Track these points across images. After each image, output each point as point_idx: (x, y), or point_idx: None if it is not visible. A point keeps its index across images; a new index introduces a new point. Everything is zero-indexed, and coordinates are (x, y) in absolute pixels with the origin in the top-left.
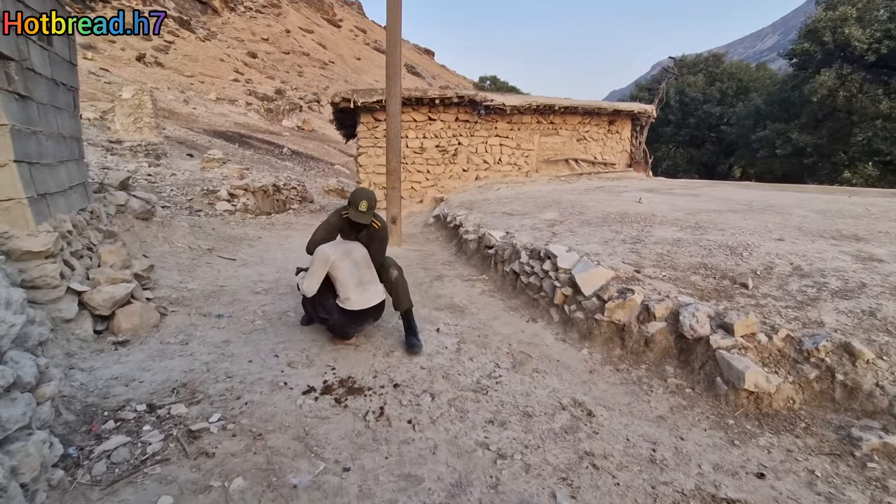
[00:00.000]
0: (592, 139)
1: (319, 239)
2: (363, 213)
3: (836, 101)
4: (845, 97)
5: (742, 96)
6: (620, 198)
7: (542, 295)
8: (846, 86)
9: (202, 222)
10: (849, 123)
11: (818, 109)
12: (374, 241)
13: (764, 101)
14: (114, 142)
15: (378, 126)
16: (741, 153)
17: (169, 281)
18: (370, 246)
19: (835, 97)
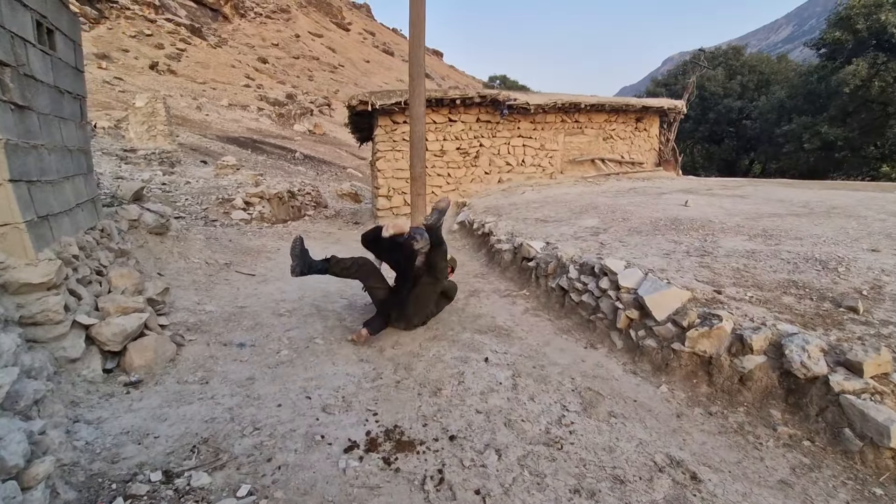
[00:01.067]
0: (619, 137)
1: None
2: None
3: (871, 92)
4: (880, 87)
5: (763, 89)
6: (662, 200)
7: (600, 317)
8: (881, 75)
9: (218, 233)
10: (883, 115)
11: (849, 101)
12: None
13: (788, 93)
14: (128, 150)
15: (396, 129)
16: (764, 148)
17: (185, 302)
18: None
19: (868, 87)
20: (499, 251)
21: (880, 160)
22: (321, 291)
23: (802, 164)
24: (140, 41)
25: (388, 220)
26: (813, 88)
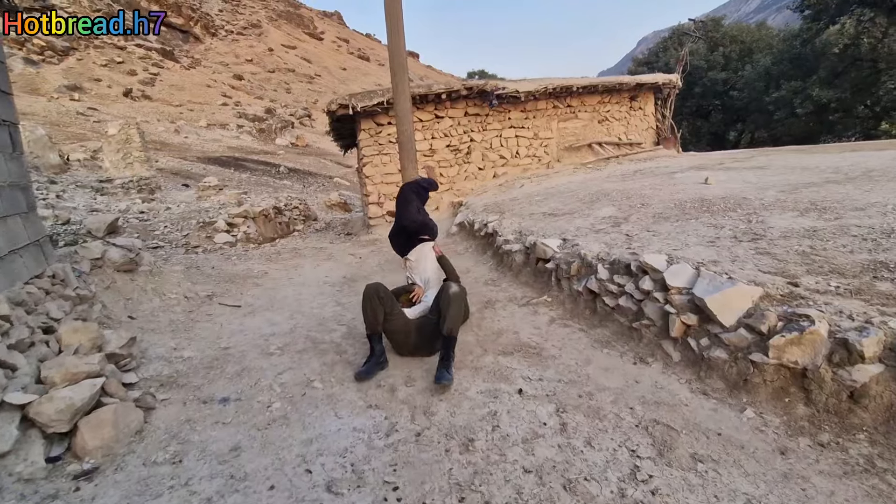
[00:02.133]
0: (615, 119)
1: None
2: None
3: (860, 50)
4: (870, 44)
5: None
6: (676, 180)
7: (646, 324)
8: (869, 31)
9: (200, 261)
10: (874, 72)
11: (838, 61)
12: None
13: (773, 60)
14: (104, 181)
15: (381, 131)
16: (754, 118)
17: (160, 349)
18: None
19: (858, 46)
20: (508, 253)
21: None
22: (315, 318)
23: (796, 130)
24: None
25: (383, 228)
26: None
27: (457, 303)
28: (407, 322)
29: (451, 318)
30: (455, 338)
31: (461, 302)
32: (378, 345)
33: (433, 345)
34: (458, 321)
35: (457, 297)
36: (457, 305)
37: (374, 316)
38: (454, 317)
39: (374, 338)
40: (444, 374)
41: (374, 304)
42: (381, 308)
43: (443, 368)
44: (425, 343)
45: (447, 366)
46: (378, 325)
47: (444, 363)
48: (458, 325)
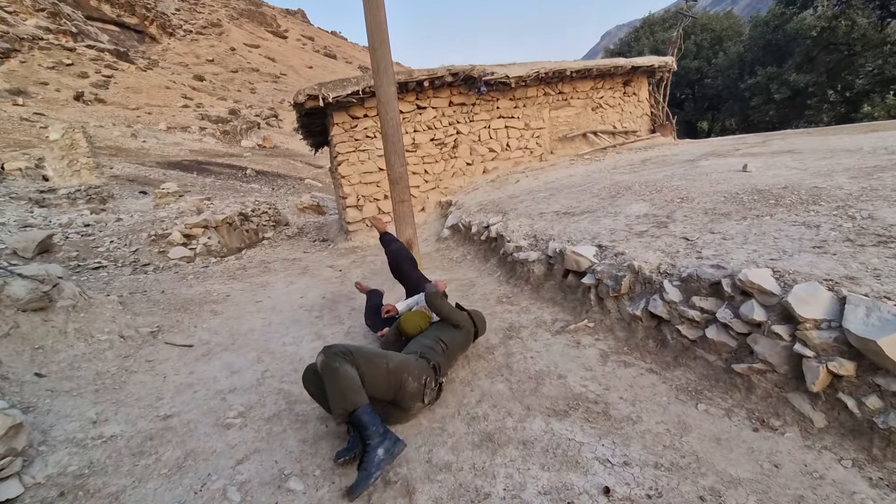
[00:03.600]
0: (608, 106)
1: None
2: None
3: (837, 34)
4: (847, 27)
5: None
6: (702, 169)
7: (759, 368)
8: (847, 13)
9: (148, 283)
10: (848, 55)
11: (813, 45)
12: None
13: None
14: (45, 191)
15: (357, 125)
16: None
17: (72, 424)
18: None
19: (834, 29)
20: (522, 263)
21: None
22: (290, 361)
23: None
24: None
25: (363, 234)
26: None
27: (326, 375)
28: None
29: (331, 399)
30: (358, 413)
31: (331, 370)
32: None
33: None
34: (341, 393)
35: (323, 369)
36: (327, 378)
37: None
38: (332, 395)
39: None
40: (360, 480)
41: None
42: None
43: (360, 471)
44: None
45: (365, 460)
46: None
47: (362, 459)
48: (343, 400)
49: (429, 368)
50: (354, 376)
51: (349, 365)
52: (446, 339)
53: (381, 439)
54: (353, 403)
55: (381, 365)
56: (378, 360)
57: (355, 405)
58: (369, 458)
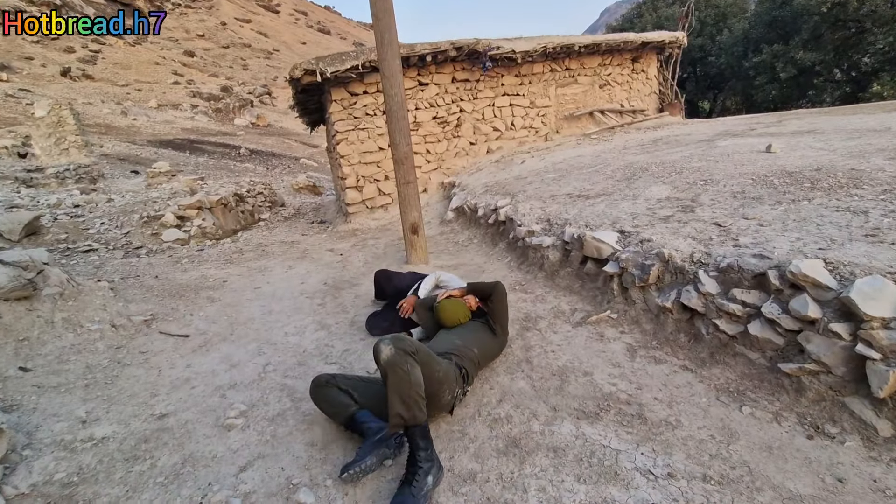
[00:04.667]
0: (616, 83)
1: None
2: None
3: (847, 10)
4: (858, 2)
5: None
6: (722, 149)
7: (810, 369)
8: None
9: (141, 267)
10: (856, 32)
11: (822, 21)
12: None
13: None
14: (33, 171)
15: (356, 102)
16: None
17: (60, 425)
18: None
19: (844, 5)
20: (536, 248)
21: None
22: (293, 353)
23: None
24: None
25: (363, 217)
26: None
27: (393, 375)
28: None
29: (391, 404)
30: (419, 428)
31: (401, 370)
32: (370, 423)
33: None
34: (407, 400)
35: (390, 366)
36: (393, 378)
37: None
38: (395, 400)
39: (352, 425)
40: (406, 499)
41: (330, 400)
42: (344, 395)
43: (405, 489)
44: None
45: (415, 481)
46: (350, 406)
47: (410, 475)
48: (406, 408)
49: (460, 379)
50: (422, 383)
51: (418, 368)
52: (480, 347)
53: (431, 464)
54: (416, 418)
55: (436, 373)
56: (434, 367)
57: (417, 420)
58: (419, 484)
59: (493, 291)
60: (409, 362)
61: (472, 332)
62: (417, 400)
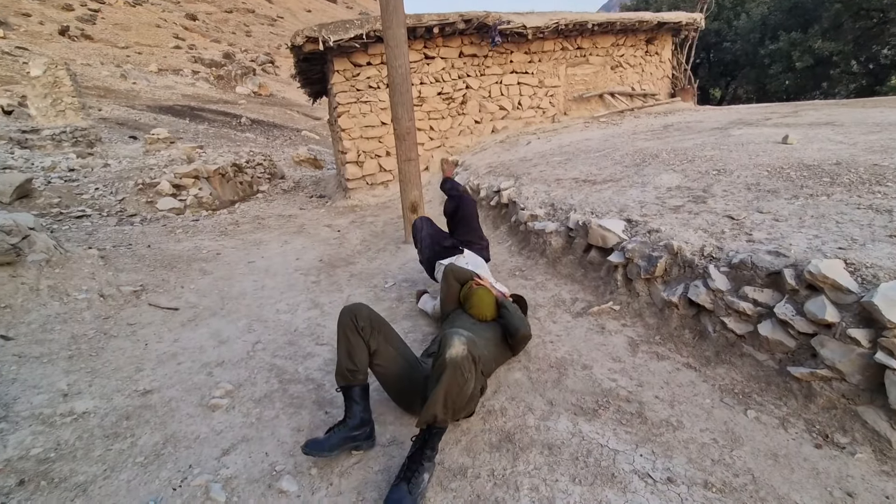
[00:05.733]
0: (629, 65)
1: None
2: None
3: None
4: None
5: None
6: (736, 139)
7: (823, 375)
8: None
9: (134, 235)
10: (878, 23)
11: (843, 9)
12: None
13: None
14: (28, 131)
15: (360, 73)
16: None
17: (40, 397)
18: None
19: None
20: (538, 234)
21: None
22: (284, 331)
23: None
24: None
25: (363, 193)
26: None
27: (453, 375)
28: (405, 361)
29: (434, 399)
30: (440, 431)
31: (461, 375)
32: (357, 404)
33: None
34: (449, 405)
35: (455, 365)
36: (451, 379)
37: (348, 357)
38: (440, 398)
39: (350, 392)
40: (403, 497)
41: (350, 340)
42: (361, 344)
43: (402, 486)
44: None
45: (414, 478)
46: (358, 373)
47: (410, 472)
48: (444, 411)
49: (479, 397)
50: (469, 395)
51: (474, 380)
52: (497, 362)
53: (432, 463)
54: (446, 422)
55: (475, 389)
56: (477, 384)
57: (445, 425)
58: (416, 482)
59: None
60: (471, 371)
61: (496, 345)
62: (458, 409)
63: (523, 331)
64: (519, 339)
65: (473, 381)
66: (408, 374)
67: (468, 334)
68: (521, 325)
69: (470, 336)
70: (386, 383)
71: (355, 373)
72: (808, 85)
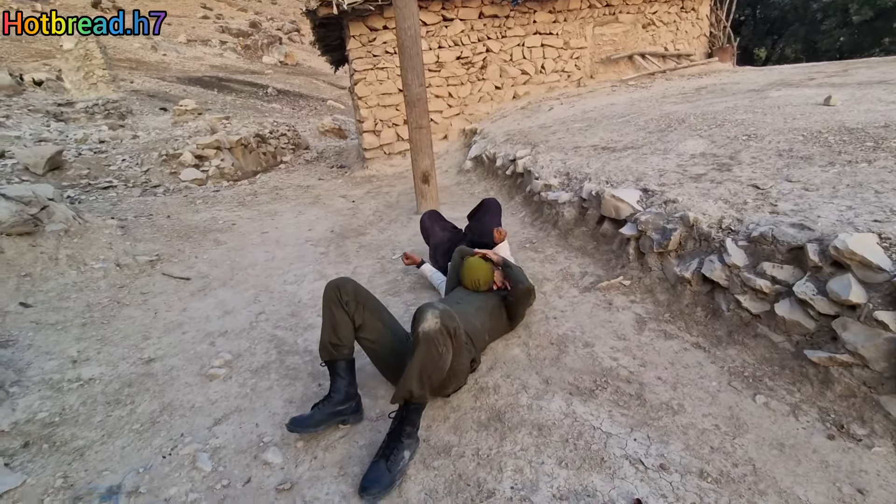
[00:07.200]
0: (662, 23)
1: None
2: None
3: None
4: None
5: None
6: (772, 101)
7: (842, 360)
8: None
9: (155, 206)
10: None
11: None
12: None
13: None
14: (64, 105)
15: (376, 38)
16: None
17: (51, 363)
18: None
19: None
20: (551, 204)
21: None
22: (288, 302)
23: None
24: None
25: (380, 163)
26: None
27: (427, 350)
28: (394, 335)
29: (408, 375)
30: (418, 407)
31: (435, 350)
32: (342, 378)
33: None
34: (425, 380)
35: (428, 339)
36: (425, 354)
37: (333, 331)
38: (415, 373)
39: (334, 367)
40: (381, 475)
41: (334, 315)
42: (346, 319)
43: (380, 464)
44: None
45: (392, 456)
46: (343, 348)
47: (389, 450)
48: (420, 386)
49: (469, 372)
50: (446, 370)
51: (451, 355)
52: (492, 335)
53: (412, 441)
54: (423, 398)
55: (458, 364)
56: (461, 358)
57: (423, 401)
58: (395, 459)
59: (522, 290)
60: (446, 345)
61: (490, 316)
62: (434, 384)
63: (524, 283)
64: (520, 294)
65: (450, 354)
66: (396, 349)
67: (443, 307)
68: (522, 278)
69: (445, 309)
70: (375, 358)
71: (339, 347)
72: (865, 42)
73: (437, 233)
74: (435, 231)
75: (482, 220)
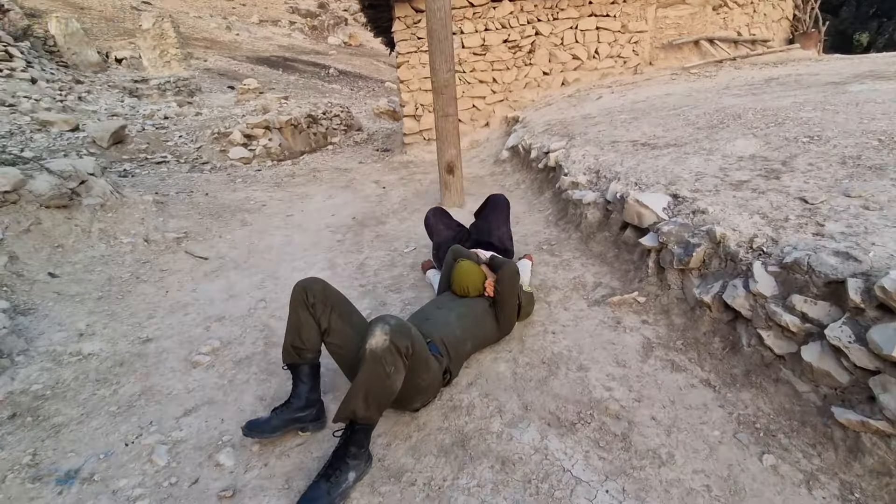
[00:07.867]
0: (736, 4)
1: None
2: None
3: None
4: None
5: None
6: (851, 97)
7: (878, 428)
8: None
9: (199, 183)
10: None
11: None
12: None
13: None
14: (139, 81)
15: (420, 20)
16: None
17: (59, 335)
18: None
19: None
20: (576, 204)
21: None
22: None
23: None
24: None
25: (419, 148)
26: None
27: (372, 369)
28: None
29: (351, 393)
30: (365, 428)
31: (382, 370)
32: (304, 384)
33: (417, 387)
34: (371, 401)
35: (374, 358)
36: (370, 373)
37: (297, 334)
38: (360, 393)
39: (297, 371)
40: (319, 497)
41: (299, 317)
42: (311, 322)
43: (321, 484)
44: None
45: (334, 477)
46: (306, 352)
47: (332, 470)
48: (365, 407)
49: (440, 385)
50: (396, 392)
51: (402, 375)
52: (475, 342)
53: (358, 462)
54: (370, 419)
55: (420, 381)
56: (421, 374)
57: (370, 422)
58: (337, 481)
59: (500, 269)
60: (396, 364)
61: (475, 322)
62: (381, 404)
63: (508, 265)
64: (505, 276)
65: (401, 374)
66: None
67: (396, 322)
68: (506, 262)
69: (398, 325)
70: (342, 363)
71: (302, 351)
72: None
73: (441, 231)
74: (439, 229)
75: (487, 217)
